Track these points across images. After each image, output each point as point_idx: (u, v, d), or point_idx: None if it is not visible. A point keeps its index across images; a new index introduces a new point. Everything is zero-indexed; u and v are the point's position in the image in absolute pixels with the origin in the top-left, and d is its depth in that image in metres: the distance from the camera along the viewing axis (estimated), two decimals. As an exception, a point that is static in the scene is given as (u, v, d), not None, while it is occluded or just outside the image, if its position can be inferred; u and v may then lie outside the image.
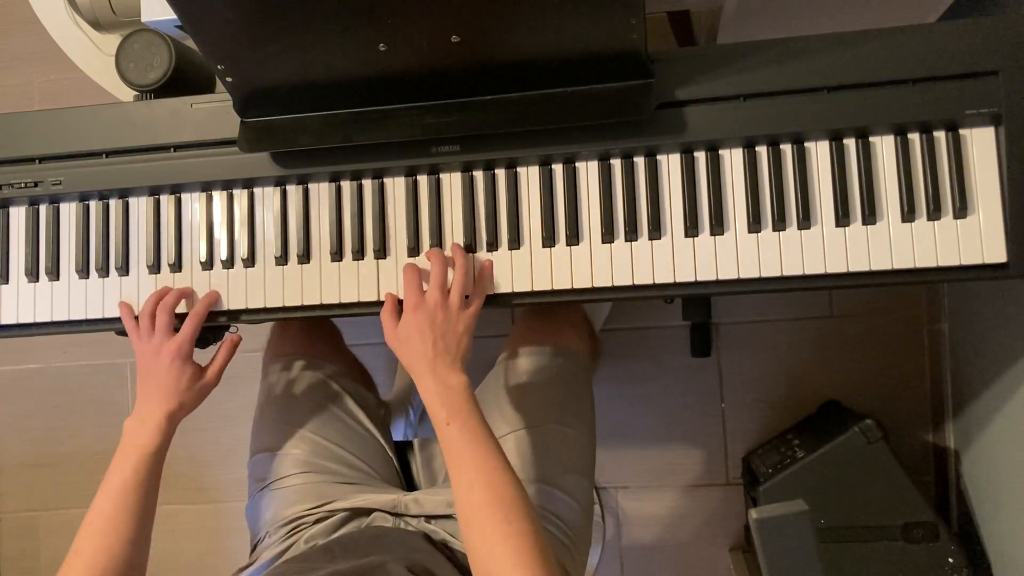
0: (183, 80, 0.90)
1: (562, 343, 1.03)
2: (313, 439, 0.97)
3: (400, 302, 0.84)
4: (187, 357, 0.85)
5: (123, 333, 0.95)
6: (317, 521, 0.90)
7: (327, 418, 1.00)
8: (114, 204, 0.92)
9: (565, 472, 0.93)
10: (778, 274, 0.82)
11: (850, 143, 0.82)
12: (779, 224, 0.82)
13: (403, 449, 1.08)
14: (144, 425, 0.82)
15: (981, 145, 0.80)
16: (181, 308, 0.88)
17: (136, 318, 0.88)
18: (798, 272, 0.81)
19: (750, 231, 0.82)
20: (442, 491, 0.92)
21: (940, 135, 0.81)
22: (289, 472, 0.95)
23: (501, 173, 0.86)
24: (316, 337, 1.11)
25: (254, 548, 0.94)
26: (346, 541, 0.85)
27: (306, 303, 0.88)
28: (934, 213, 0.80)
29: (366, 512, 0.92)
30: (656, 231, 0.83)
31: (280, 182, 0.89)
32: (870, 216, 0.80)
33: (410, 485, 1.06)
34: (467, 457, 0.74)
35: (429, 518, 0.90)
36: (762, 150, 0.83)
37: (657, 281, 0.83)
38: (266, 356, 1.11)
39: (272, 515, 0.93)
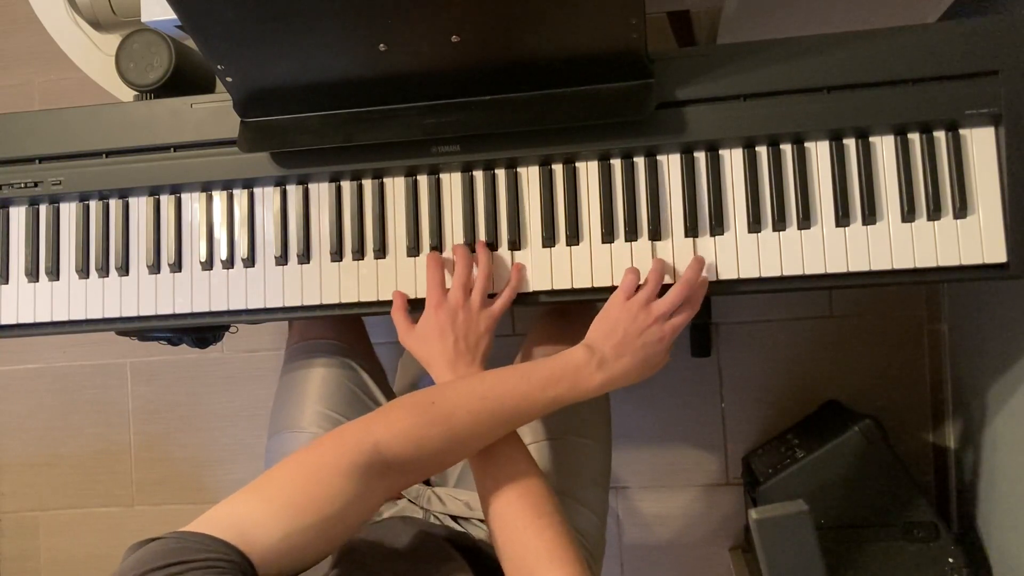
0: (183, 80, 0.90)
1: None
2: (337, 420, 0.97)
3: (409, 301, 0.84)
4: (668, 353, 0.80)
5: (123, 333, 0.95)
6: None
7: (352, 402, 0.99)
8: (114, 204, 0.92)
9: (585, 485, 0.93)
10: (778, 274, 0.82)
11: (850, 143, 0.82)
12: (779, 224, 0.82)
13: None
14: (599, 371, 0.74)
15: (981, 145, 0.80)
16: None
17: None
18: (798, 272, 0.81)
19: (750, 231, 0.82)
20: (461, 492, 0.92)
21: (940, 135, 0.81)
22: None
23: (501, 173, 0.86)
24: (343, 322, 1.11)
25: None
26: (415, 534, 0.81)
27: (306, 303, 0.88)
28: (934, 213, 0.80)
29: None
30: (656, 231, 0.83)
31: (280, 182, 0.89)
32: (870, 216, 0.80)
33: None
34: (493, 455, 0.74)
35: (455, 518, 0.90)
36: (762, 150, 0.83)
37: (657, 281, 0.83)
38: (291, 338, 1.10)
39: None
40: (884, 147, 0.81)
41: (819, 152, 0.82)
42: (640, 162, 0.84)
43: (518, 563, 0.69)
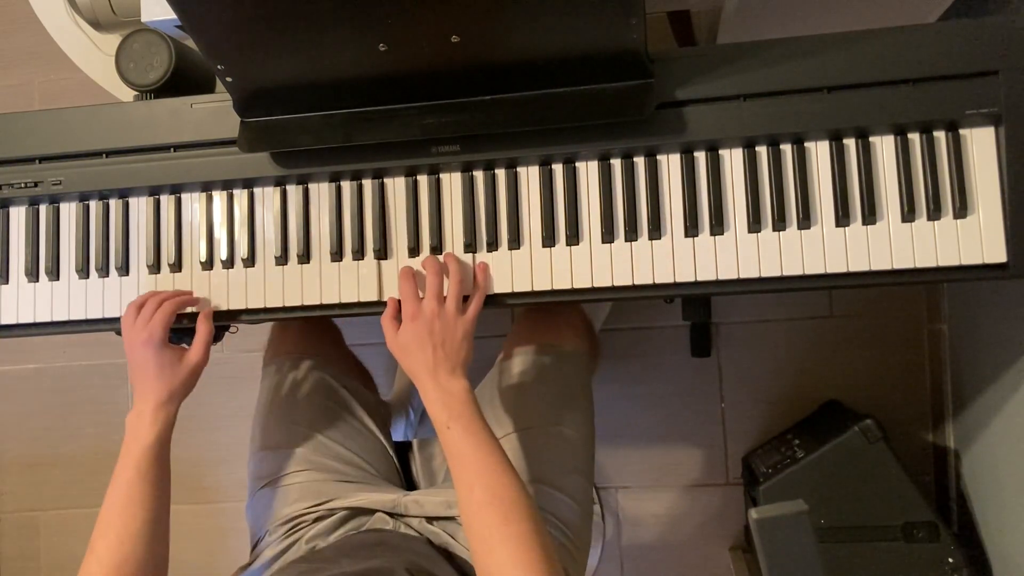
0: (183, 80, 0.90)
1: (560, 343, 1.03)
2: (314, 437, 0.98)
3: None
4: (160, 343, 0.83)
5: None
6: (317, 520, 0.90)
7: (327, 416, 1.00)
8: (114, 204, 0.92)
9: (564, 473, 0.93)
10: (778, 274, 0.82)
11: (850, 143, 0.82)
12: (779, 224, 0.82)
13: (402, 449, 1.09)
14: (140, 418, 0.82)
15: (981, 145, 0.80)
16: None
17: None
18: (798, 272, 0.81)
19: (750, 231, 0.82)
20: (442, 491, 0.92)
21: (940, 135, 0.81)
22: (289, 470, 0.95)
23: (501, 173, 0.86)
24: (316, 336, 1.12)
25: (254, 547, 0.95)
26: (350, 545, 0.85)
27: (306, 303, 0.88)
28: (934, 213, 0.80)
29: (367, 512, 0.92)
30: (656, 231, 0.83)
31: (280, 182, 0.89)
32: (870, 216, 0.80)
33: (410, 484, 1.06)
34: (468, 460, 0.75)
35: (430, 519, 0.90)
36: (762, 150, 0.83)
37: (657, 281, 0.83)
38: (267, 355, 1.11)
39: (272, 513, 0.93)
40: (884, 147, 0.81)
41: (819, 152, 0.82)
42: (640, 162, 0.84)
43: (483, 567, 0.70)
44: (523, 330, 1.06)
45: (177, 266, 0.90)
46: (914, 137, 0.81)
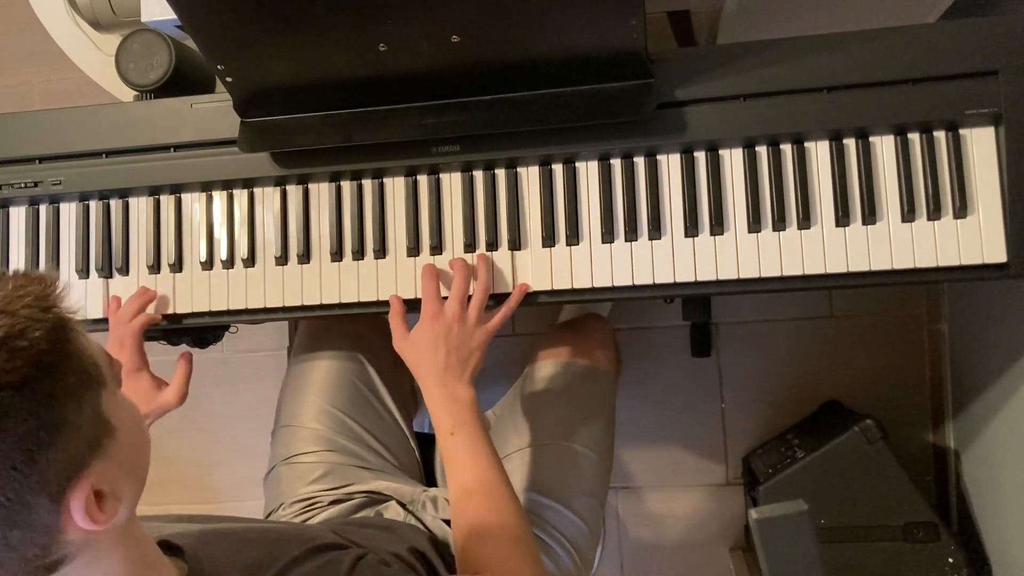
0: (183, 80, 0.90)
1: (591, 363, 1.02)
2: (339, 417, 0.97)
3: (408, 302, 0.84)
4: (129, 370, 0.85)
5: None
6: (333, 502, 0.91)
7: (355, 399, 0.99)
8: (114, 204, 0.92)
9: (577, 493, 0.93)
10: (778, 274, 0.82)
11: (850, 143, 0.82)
12: (779, 224, 0.82)
13: (424, 442, 1.08)
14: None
15: (981, 145, 0.80)
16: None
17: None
18: (798, 272, 0.81)
19: (750, 231, 0.82)
20: None
21: (940, 135, 0.81)
22: (311, 448, 0.95)
23: (501, 173, 0.87)
24: (357, 316, 1.07)
25: (267, 517, 0.95)
26: (357, 524, 0.84)
27: (306, 303, 0.88)
28: (934, 213, 0.80)
29: (382, 499, 0.92)
30: (656, 231, 0.83)
31: (280, 182, 0.89)
32: (870, 216, 0.80)
33: (429, 479, 1.06)
34: (468, 467, 0.75)
35: (446, 521, 0.90)
36: (762, 150, 0.83)
37: (657, 281, 0.83)
38: (301, 328, 1.10)
39: (290, 489, 0.94)
40: (884, 147, 0.81)
41: (819, 152, 0.82)
42: (640, 162, 0.84)
43: (469, 565, 0.70)
44: (554, 344, 1.05)
45: (177, 266, 0.90)
46: (914, 137, 0.81)
